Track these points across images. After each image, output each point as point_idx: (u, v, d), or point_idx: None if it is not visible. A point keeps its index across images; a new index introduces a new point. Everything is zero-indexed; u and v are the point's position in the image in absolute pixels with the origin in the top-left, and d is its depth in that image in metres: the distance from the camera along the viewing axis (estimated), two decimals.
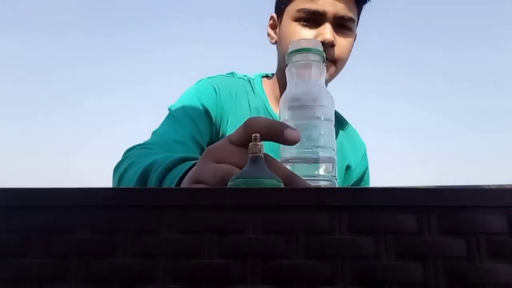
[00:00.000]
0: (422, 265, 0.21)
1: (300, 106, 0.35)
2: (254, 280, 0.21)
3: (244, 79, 0.79)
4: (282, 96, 0.37)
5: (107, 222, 0.22)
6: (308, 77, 0.37)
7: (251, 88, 0.77)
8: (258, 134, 0.27)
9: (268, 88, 0.79)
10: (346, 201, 0.22)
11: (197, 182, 0.32)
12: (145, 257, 0.21)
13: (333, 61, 0.68)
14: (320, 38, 0.66)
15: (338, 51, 0.68)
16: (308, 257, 0.21)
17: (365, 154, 0.89)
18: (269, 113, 0.75)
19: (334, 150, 0.35)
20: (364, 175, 0.87)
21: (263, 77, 0.82)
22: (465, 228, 0.21)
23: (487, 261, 0.21)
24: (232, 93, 0.75)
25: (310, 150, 0.33)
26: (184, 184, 0.35)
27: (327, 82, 0.71)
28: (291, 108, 0.36)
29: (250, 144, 0.27)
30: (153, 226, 0.22)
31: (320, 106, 0.35)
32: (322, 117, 0.35)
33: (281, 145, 0.36)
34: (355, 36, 0.76)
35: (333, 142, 0.36)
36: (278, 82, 0.78)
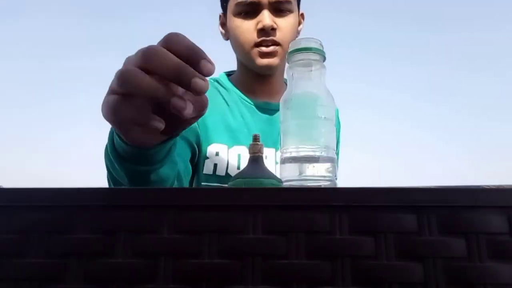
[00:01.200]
0: (422, 265, 0.21)
1: (300, 105, 0.35)
2: (254, 280, 0.21)
3: (212, 81, 0.82)
4: (283, 96, 0.37)
5: (107, 222, 0.22)
6: (308, 76, 0.37)
7: (221, 86, 0.80)
8: (259, 134, 0.27)
9: (236, 82, 0.82)
10: (346, 201, 0.22)
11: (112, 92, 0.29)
12: (145, 257, 0.21)
13: (278, 44, 0.72)
14: (259, 26, 0.70)
15: (280, 33, 0.72)
16: (308, 257, 0.21)
17: (338, 116, 0.90)
18: (247, 101, 0.78)
19: (334, 149, 0.35)
20: (339, 135, 0.90)
21: (226, 74, 0.86)
22: (465, 228, 0.21)
23: (487, 261, 0.21)
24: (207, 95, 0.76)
25: (311, 149, 0.33)
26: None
27: (280, 66, 0.74)
28: (291, 107, 0.35)
29: (250, 144, 0.26)
30: (153, 226, 0.22)
31: (321, 105, 0.35)
32: (323, 116, 0.35)
33: (281, 144, 0.36)
34: (302, 14, 0.80)
35: (334, 141, 0.35)
36: (241, 74, 0.81)
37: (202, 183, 0.71)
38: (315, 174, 0.33)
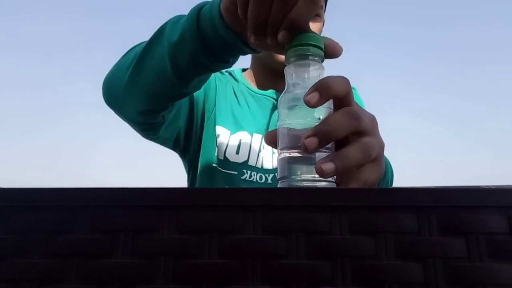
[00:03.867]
0: (422, 265, 0.21)
1: (299, 105, 0.35)
2: (254, 280, 0.21)
3: (226, 73, 0.87)
4: (281, 96, 0.37)
5: (107, 222, 0.22)
6: (308, 76, 0.37)
7: (233, 79, 0.85)
8: None
9: (248, 77, 0.87)
10: (346, 201, 0.22)
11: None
12: (145, 257, 0.21)
13: None
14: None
15: None
16: (308, 257, 0.21)
17: (358, 94, 0.91)
18: (253, 91, 0.81)
19: (333, 150, 0.35)
20: None
21: (242, 70, 0.90)
22: (465, 228, 0.21)
23: (487, 261, 0.21)
24: (222, 82, 0.82)
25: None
26: None
27: None
28: (290, 107, 0.35)
29: None
30: (153, 226, 0.22)
31: (319, 105, 0.35)
32: (321, 116, 0.35)
33: (279, 144, 0.36)
34: (323, 22, 0.82)
35: (332, 142, 0.35)
36: (255, 69, 0.85)
37: (206, 162, 0.73)
38: (313, 175, 0.33)
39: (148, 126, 0.60)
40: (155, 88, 0.49)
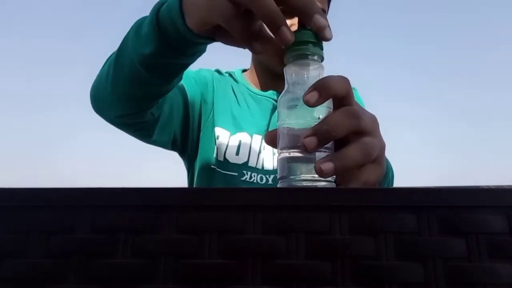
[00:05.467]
0: (422, 265, 0.21)
1: (299, 105, 0.35)
2: (254, 280, 0.21)
3: (226, 74, 0.87)
4: (281, 96, 0.37)
5: (107, 222, 0.22)
6: (307, 76, 0.37)
7: (233, 79, 0.85)
8: None
9: (248, 77, 0.87)
10: (346, 201, 0.22)
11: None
12: (145, 257, 0.21)
13: None
14: (293, 29, 0.69)
15: None
16: (308, 257, 0.21)
17: (358, 95, 0.90)
18: (253, 92, 0.81)
19: (332, 150, 0.35)
20: None
21: (242, 71, 0.90)
22: (465, 228, 0.21)
23: (487, 261, 0.21)
24: (221, 83, 0.82)
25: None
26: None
27: None
28: (290, 107, 0.35)
29: None
30: (153, 226, 0.22)
31: (319, 105, 0.35)
32: (321, 116, 0.35)
33: (279, 141, 0.36)
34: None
35: (332, 141, 0.35)
36: (255, 68, 0.84)
37: (204, 164, 0.73)
38: (313, 175, 0.33)
39: (139, 126, 0.61)
40: (135, 93, 0.50)
